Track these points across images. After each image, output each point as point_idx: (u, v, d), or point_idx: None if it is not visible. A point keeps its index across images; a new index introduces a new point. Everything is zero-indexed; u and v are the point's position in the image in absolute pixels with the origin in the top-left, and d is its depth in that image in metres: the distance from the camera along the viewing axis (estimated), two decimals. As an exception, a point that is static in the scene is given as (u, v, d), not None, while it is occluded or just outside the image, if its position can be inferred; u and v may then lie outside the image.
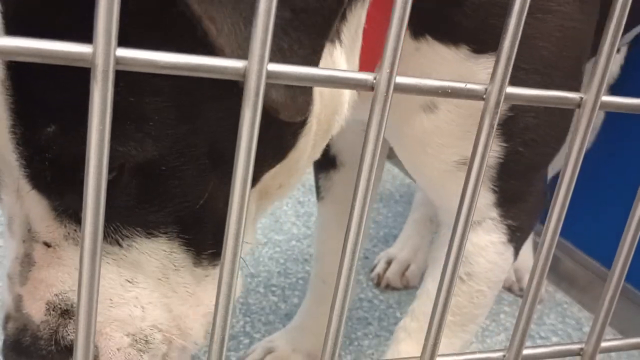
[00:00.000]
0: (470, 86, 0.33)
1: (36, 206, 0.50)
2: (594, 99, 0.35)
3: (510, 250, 0.76)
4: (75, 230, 0.51)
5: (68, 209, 0.50)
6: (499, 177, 0.70)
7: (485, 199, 0.72)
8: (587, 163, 0.55)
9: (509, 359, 0.41)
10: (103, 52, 0.25)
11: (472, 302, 0.77)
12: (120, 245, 0.52)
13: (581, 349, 0.43)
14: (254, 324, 1.23)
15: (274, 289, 1.35)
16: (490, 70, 0.63)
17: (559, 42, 0.64)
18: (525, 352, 0.41)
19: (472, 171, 0.35)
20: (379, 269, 1.43)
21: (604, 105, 0.36)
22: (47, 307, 0.52)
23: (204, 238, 0.55)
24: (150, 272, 0.54)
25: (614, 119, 1.32)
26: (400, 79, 0.31)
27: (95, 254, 0.27)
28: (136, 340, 0.54)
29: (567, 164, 0.36)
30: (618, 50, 1.24)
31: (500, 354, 0.41)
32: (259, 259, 1.45)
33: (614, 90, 1.29)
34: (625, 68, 1.28)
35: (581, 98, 0.35)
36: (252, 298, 1.31)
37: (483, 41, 0.63)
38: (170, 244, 0.53)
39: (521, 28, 0.32)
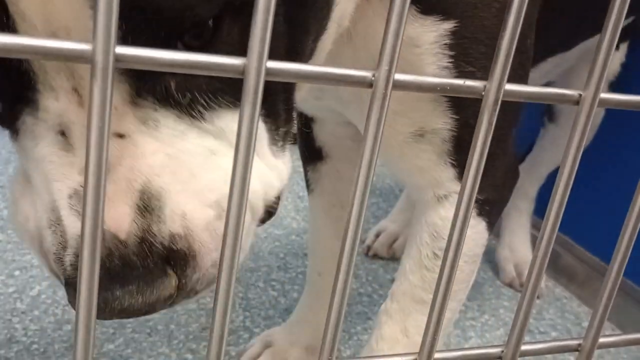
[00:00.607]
0: (468, 83, 0.33)
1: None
2: (592, 95, 0.35)
3: (482, 223, 0.76)
4: (155, 110, 0.43)
5: (145, 85, 0.43)
6: (455, 151, 0.71)
7: (447, 173, 0.72)
8: (586, 158, 0.55)
9: (507, 354, 0.41)
10: (102, 49, 0.25)
11: None
12: (204, 119, 0.46)
13: (579, 345, 0.43)
14: (254, 318, 1.23)
15: (273, 283, 1.35)
16: (437, 34, 0.64)
17: (499, 13, 0.64)
18: (524, 347, 0.42)
19: (471, 167, 0.35)
20: (368, 241, 1.53)
21: (603, 102, 0.36)
22: (136, 208, 0.43)
23: (276, 109, 0.51)
24: (234, 141, 0.49)
25: (613, 115, 1.32)
26: (398, 76, 0.31)
27: (95, 245, 0.27)
28: (224, 210, 0.45)
29: (566, 160, 0.37)
30: (618, 48, 1.24)
31: (498, 349, 0.42)
32: (259, 253, 1.45)
33: (614, 87, 1.28)
34: (626, 66, 1.27)
35: (580, 95, 0.35)
36: (251, 293, 1.31)
37: (430, 2, 0.63)
38: None
39: (520, 25, 0.32)
